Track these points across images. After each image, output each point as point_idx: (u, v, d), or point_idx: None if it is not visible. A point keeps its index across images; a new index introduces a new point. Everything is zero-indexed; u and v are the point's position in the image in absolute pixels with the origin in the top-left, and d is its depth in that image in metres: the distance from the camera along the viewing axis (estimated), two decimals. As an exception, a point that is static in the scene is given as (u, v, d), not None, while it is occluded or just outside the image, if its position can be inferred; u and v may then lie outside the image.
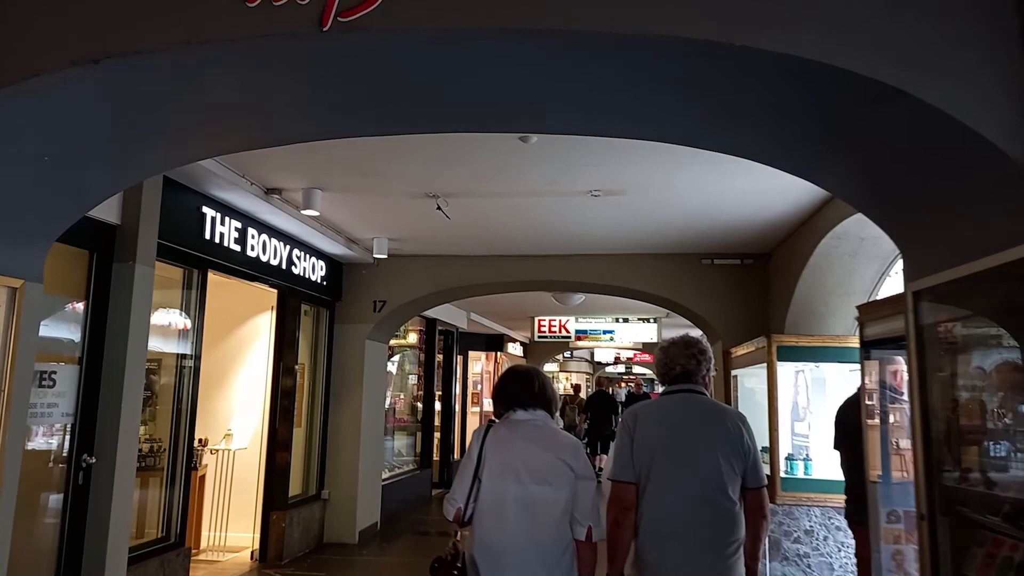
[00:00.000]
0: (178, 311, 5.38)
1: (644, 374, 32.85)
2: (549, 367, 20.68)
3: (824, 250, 5.78)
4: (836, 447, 4.35)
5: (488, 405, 16.47)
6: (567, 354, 26.05)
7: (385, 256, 7.30)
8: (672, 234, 6.80)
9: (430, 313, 10.51)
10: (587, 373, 35.77)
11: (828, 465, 5.68)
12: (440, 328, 11.64)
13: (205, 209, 5.31)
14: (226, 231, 5.58)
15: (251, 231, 5.97)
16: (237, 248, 5.76)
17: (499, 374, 13.36)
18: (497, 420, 2.91)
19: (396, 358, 11.38)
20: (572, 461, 2.72)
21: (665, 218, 6.21)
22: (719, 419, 2.77)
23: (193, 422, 5.37)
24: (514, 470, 2.69)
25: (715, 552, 2.65)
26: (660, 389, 3.21)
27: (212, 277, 5.99)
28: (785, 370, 6.33)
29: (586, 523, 2.67)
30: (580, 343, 13.65)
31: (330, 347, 7.85)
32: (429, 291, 8.02)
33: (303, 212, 5.55)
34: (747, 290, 7.48)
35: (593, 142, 4.39)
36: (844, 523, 5.37)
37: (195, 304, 5.39)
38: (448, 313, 11.46)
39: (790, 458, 5.65)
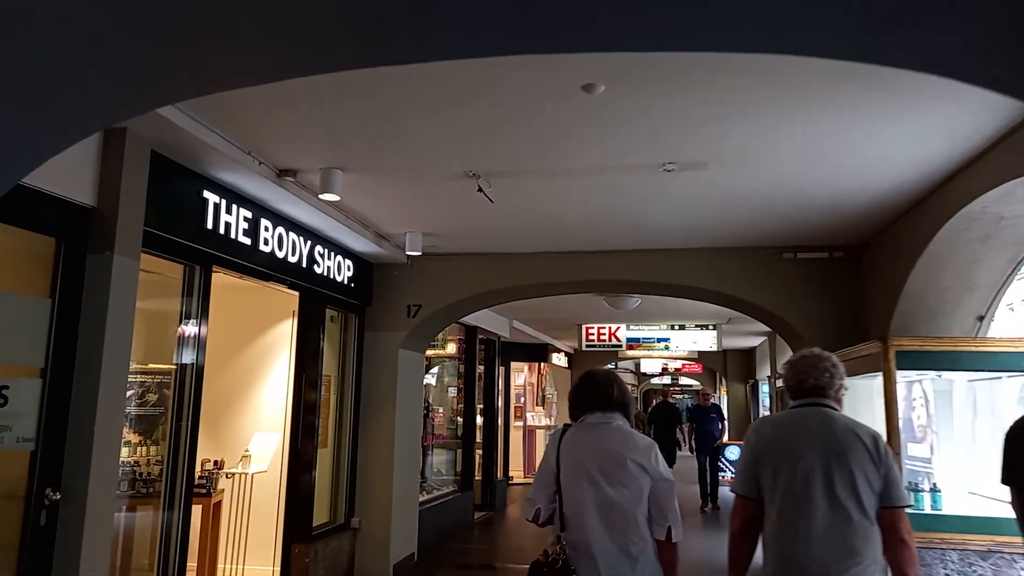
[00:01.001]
0: (179, 315, 4.60)
1: (691, 386, 31.52)
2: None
3: (948, 234, 4.75)
4: (1006, 481, 3.32)
5: (532, 419, 15.58)
6: (611, 365, 25.00)
7: (419, 253, 6.46)
8: (750, 222, 5.82)
9: (470, 320, 9.66)
10: (632, 384, 34.59)
11: (962, 498, 4.63)
12: (481, 337, 10.78)
13: (207, 194, 4.52)
14: (233, 221, 4.79)
15: (264, 222, 5.17)
16: (247, 241, 4.97)
17: (542, 387, 12.62)
18: (572, 423, 2.95)
19: (435, 370, 10.56)
20: (646, 462, 2.74)
21: (745, 200, 5.24)
22: (854, 434, 2.60)
23: (195, 442, 4.56)
24: (589, 473, 2.74)
25: (844, 570, 2.48)
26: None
27: (224, 279, 5.23)
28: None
29: (665, 524, 2.71)
30: (631, 352, 12.65)
31: (359, 357, 7.03)
32: (469, 294, 7.15)
33: (321, 196, 4.73)
34: (836, 288, 6.44)
35: (675, 92, 3.47)
36: (989, 572, 4.32)
37: (197, 306, 4.60)
38: (489, 320, 10.60)
39: (912, 488, 4.60)
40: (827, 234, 6.12)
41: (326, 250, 6.17)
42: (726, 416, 18.53)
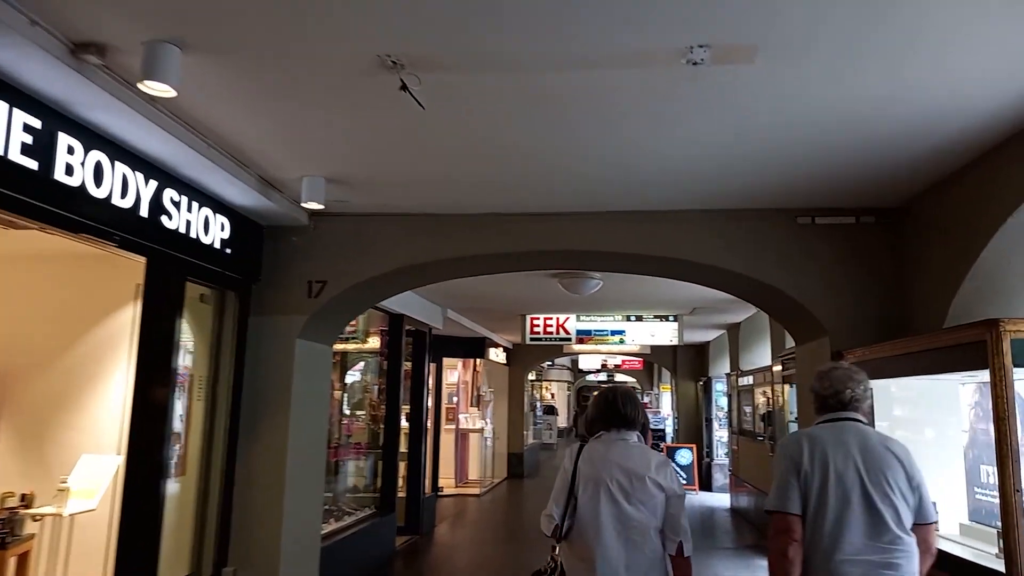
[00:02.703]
0: None
1: (626, 382, 30.43)
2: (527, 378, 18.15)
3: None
4: None
5: (464, 422, 14.00)
6: (548, 363, 23.52)
7: (321, 207, 4.73)
8: (785, 164, 4.30)
9: (395, 307, 7.93)
10: (568, 382, 33.31)
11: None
12: (408, 328, 9.07)
13: (-62, 72, 2.70)
14: (2, 130, 2.97)
15: (65, 139, 3.34)
16: (30, 165, 3.13)
17: (477, 385, 11.10)
18: (588, 439, 3.01)
19: (360, 367, 8.83)
20: (663, 480, 2.82)
21: (796, 119, 3.70)
22: (888, 450, 2.61)
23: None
24: (608, 489, 2.81)
25: None
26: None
27: (42, 242, 3.46)
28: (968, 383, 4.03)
29: (677, 539, 2.78)
30: (580, 346, 11.13)
31: (240, 350, 5.21)
32: (391, 268, 5.44)
33: (142, 85, 2.93)
34: (867, 263, 5.05)
35: None
36: None
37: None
38: (419, 308, 8.90)
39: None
40: (857, 191, 4.71)
41: (184, 197, 4.35)
42: (669, 423, 17.15)
